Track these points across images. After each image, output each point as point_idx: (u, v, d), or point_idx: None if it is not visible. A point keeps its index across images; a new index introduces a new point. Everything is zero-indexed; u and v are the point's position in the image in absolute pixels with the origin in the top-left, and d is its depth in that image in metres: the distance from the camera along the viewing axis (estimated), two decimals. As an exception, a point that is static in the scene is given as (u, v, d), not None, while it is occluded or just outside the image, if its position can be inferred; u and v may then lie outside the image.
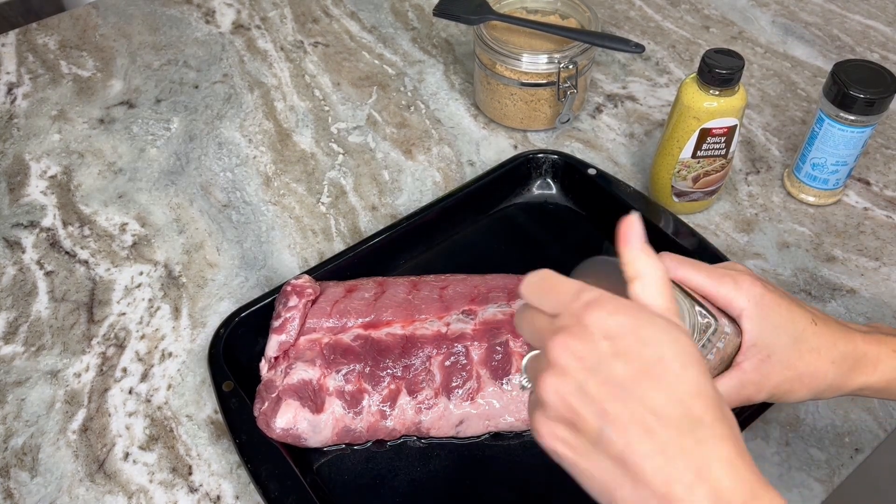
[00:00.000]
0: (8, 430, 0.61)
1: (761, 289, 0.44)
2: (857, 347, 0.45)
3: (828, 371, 0.44)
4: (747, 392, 0.44)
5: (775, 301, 0.44)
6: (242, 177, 0.80)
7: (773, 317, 0.43)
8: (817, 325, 0.44)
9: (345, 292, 0.62)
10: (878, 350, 0.45)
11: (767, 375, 0.44)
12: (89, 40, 0.97)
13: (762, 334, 0.44)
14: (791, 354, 0.44)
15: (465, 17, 0.80)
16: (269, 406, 0.56)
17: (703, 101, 0.67)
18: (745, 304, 0.43)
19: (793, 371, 0.44)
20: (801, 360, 0.44)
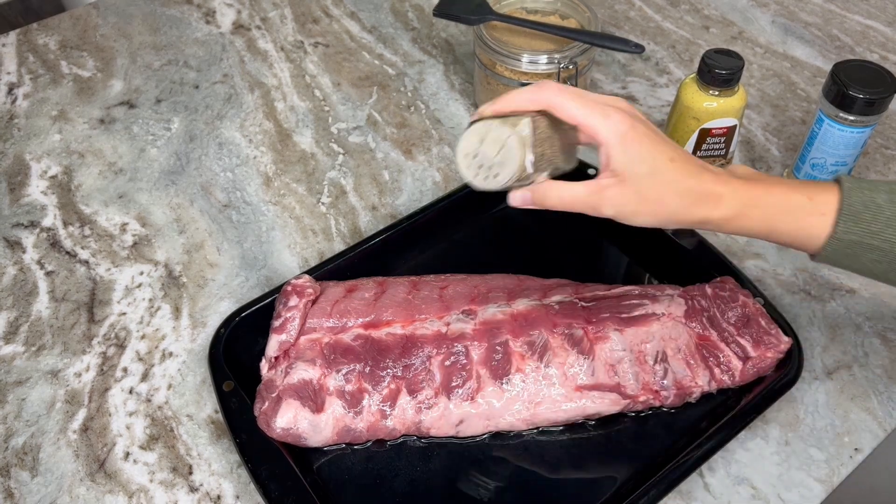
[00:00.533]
0: (8, 430, 0.61)
1: (629, 124, 0.49)
2: (703, 185, 0.50)
3: (671, 201, 0.50)
4: (595, 201, 0.51)
5: (638, 137, 0.49)
6: (243, 177, 0.80)
7: (634, 150, 0.49)
8: (674, 161, 0.50)
9: (345, 292, 0.62)
10: (724, 189, 0.50)
11: (617, 195, 0.50)
12: (89, 40, 0.97)
13: (621, 162, 0.49)
14: (642, 183, 0.49)
15: (465, 18, 0.80)
16: (270, 406, 0.56)
17: (703, 101, 0.67)
18: (608, 136, 0.49)
19: (640, 196, 0.50)
20: (650, 190, 0.50)
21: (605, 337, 0.59)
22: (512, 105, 0.51)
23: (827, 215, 0.50)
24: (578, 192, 0.51)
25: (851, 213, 0.50)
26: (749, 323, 0.60)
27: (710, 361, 0.59)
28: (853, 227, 0.50)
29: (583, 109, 0.49)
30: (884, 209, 0.50)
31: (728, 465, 0.58)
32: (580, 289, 0.63)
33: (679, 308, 0.61)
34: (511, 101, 0.51)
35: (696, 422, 0.59)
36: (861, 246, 0.50)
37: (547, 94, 0.50)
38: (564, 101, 0.50)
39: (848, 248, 0.51)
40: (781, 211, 0.51)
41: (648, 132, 0.50)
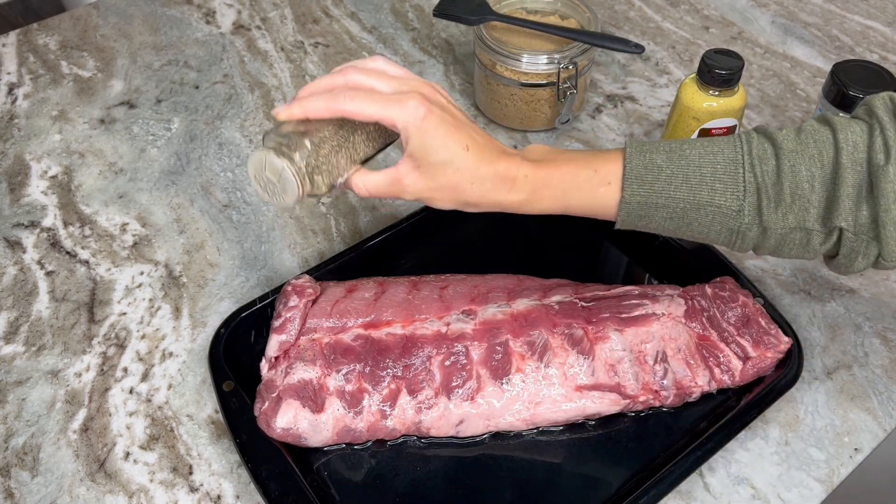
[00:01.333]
0: (8, 430, 0.61)
1: (424, 111, 0.50)
2: (497, 171, 0.52)
3: (466, 188, 0.52)
4: (396, 189, 0.53)
5: (434, 125, 0.50)
6: (243, 177, 0.80)
7: (429, 139, 0.50)
8: (469, 150, 0.51)
9: (345, 292, 0.62)
10: (517, 173, 0.53)
11: (415, 181, 0.52)
12: (90, 40, 0.97)
13: (416, 150, 0.51)
14: (437, 171, 0.51)
15: (465, 18, 0.80)
16: (270, 406, 0.56)
17: (703, 101, 0.67)
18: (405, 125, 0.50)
19: (436, 183, 0.52)
20: (444, 177, 0.52)
21: (605, 337, 0.59)
22: (307, 112, 0.51)
23: (613, 184, 0.53)
24: (380, 180, 0.53)
25: (635, 176, 0.52)
26: (749, 323, 0.60)
27: (710, 361, 0.59)
28: (638, 190, 0.52)
29: (376, 106, 0.50)
30: (663, 168, 0.52)
31: (728, 465, 0.58)
32: (580, 289, 0.63)
33: (679, 308, 0.61)
34: (306, 108, 0.51)
35: (696, 422, 0.59)
36: (649, 206, 0.53)
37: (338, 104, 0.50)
38: (356, 107, 0.50)
39: (640, 210, 0.53)
40: (572, 187, 0.53)
41: (445, 118, 0.51)
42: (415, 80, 0.53)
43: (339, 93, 0.51)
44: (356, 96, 0.50)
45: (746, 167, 0.50)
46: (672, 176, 0.52)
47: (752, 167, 0.50)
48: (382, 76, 0.52)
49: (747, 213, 0.51)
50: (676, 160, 0.52)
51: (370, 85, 0.52)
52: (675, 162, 0.52)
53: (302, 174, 0.50)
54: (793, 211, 0.50)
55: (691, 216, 0.52)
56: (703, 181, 0.51)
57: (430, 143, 0.51)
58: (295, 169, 0.50)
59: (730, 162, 0.51)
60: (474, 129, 0.53)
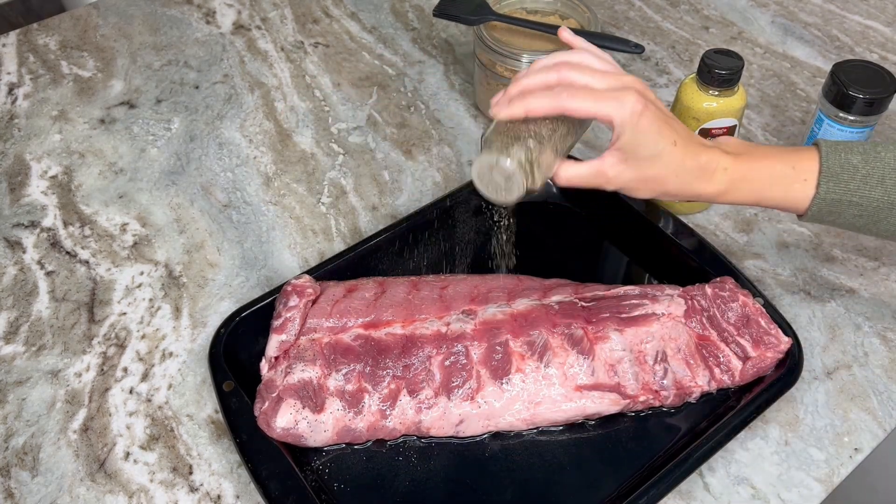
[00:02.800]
0: (9, 430, 0.61)
1: (641, 108, 0.51)
2: (699, 164, 0.54)
3: (670, 180, 0.54)
4: (600, 180, 0.55)
5: (647, 123, 0.52)
6: (243, 177, 0.80)
7: (641, 135, 0.52)
8: (676, 145, 0.53)
9: (345, 292, 0.62)
10: (717, 167, 0.55)
11: (620, 173, 0.54)
12: (90, 41, 0.97)
13: (628, 144, 0.52)
14: (645, 164, 0.53)
15: (464, 18, 0.80)
16: (270, 406, 0.56)
17: (703, 101, 0.67)
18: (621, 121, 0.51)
19: (641, 174, 0.54)
20: (650, 169, 0.54)
21: (604, 337, 0.59)
22: (529, 112, 0.52)
23: (809, 180, 0.55)
24: (583, 171, 0.54)
25: (831, 174, 0.54)
26: (749, 323, 0.60)
27: (710, 361, 0.59)
28: (834, 188, 0.54)
29: (596, 104, 0.51)
30: (859, 168, 0.54)
31: (728, 465, 0.58)
32: (580, 289, 0.63)
33: (679, 308, 0.61)
34: (529, 107, 0.52)
35: (696, 422, 0.59)
36: (842, 204, 0.55)
37: (561, 102, 0.51)
38: (577, 105, 0.51)
39: (831, 207, 0.55)
40: (768, 182, 0.55)
41: (658, 115, 0.53)
42: (625, 76, 0.54)
43: (560, 92, 0.52)
44: (577, 94, 0.52)
45: None
46: (868, 176, 0.54)
47: None
48: (595, 72, 0.53)
49: None
50: (872, 161, 0.54)
51: (584, 82, 0.52)
52: (871, 163, 0.54)
53: (527, 173, 0.52)
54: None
55: (882, 216, 0.55)
56: None
57: (643, 139, 0.52)
58: (523, 169, 0.52)
59: None
60: (678, 122, 0.55)
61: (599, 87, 0.52)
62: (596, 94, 0.52)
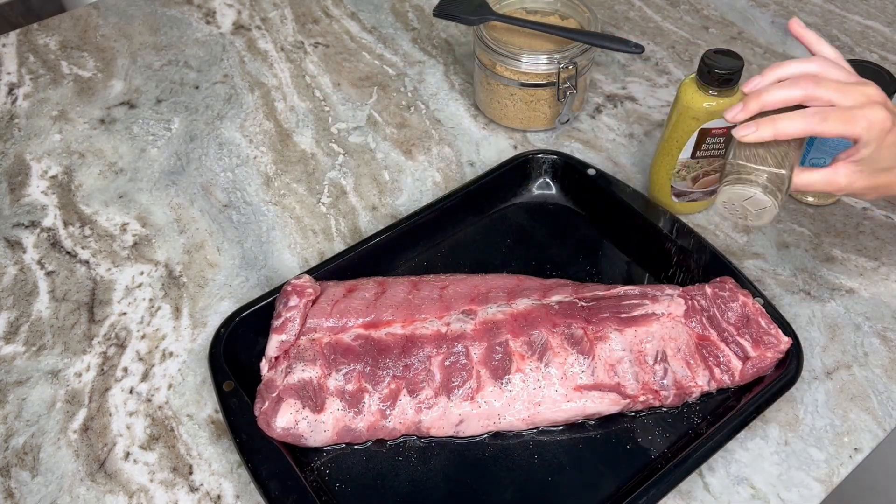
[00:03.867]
0: (9, 430, 0.61)
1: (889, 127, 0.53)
2: None
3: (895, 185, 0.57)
4: (831, 187, 0.56)
5: (893, 140, 0.53)
6: (243, 177, 0.80)
7: (885, 150, 0.53)
8: None
9: (345, 292, 0.62)
10: None
11: (853, 182, 0.55)
12: (90, 41, 0.97)
13: (868, 157, 0.54)
14: (880, 174, 0.55)
15: (464, 18, 0.80)
16: (270, 406, 0.56)
17: (703, 101, 0.67)
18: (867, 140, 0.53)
19: (873, 183, 0.56)
20: (884, 178, 0.56)
21: (604, 337, 0.59)
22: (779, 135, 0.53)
23: None
24: (816, 178, 0.56)
25: None
26: (749, 323, 0.60)
27: (710, 361, 0.59)
28: None
29: (847, 125, 0.52)
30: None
31: (728, 465, 0.58)
32: (580, 289, 0.63)
33: (679, 308, 0.61)
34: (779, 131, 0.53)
35: (696, 422, 0.59)
36: None
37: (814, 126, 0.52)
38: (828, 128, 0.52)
39: None
40: None
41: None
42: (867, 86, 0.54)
43: (811, 114, 0.52)
44: (828, 116, 0.52)
45: None
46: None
47: None
48: (838, 86, 0.53)
49: None
50: None
51: (829, 98, 0.53)
52: None
53: (779, 199, 0.54)
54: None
55: None
56: None
57: (885, 153, 0.53)
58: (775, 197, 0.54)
59: None
60: None
61: (845, 104, 0.53)
62: (846, 116, 0.52)
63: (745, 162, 0.54)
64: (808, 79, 0.54)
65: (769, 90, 0.54)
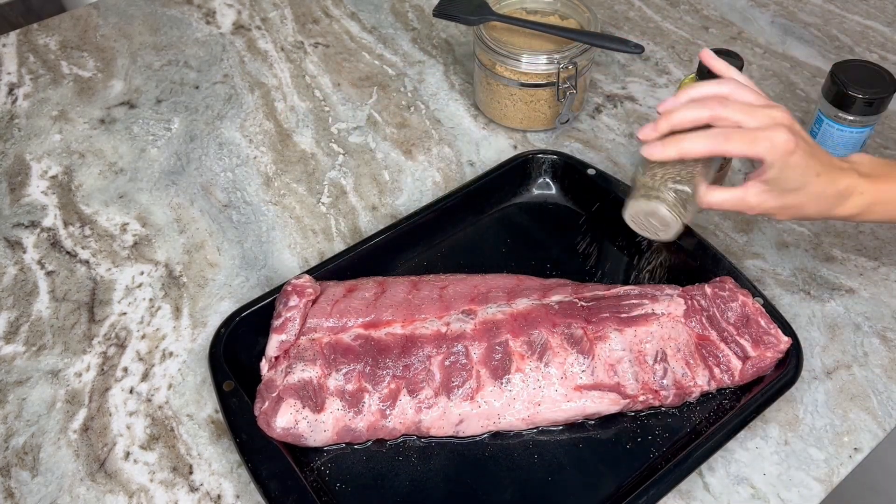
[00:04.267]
0: (9, 430, 0.61)
1: (792, 146, 0.53)
2: (838, 190, 0.56)
3: (809, 208, 0.56)
4: (741, 206, 0.56)
5: (796, 161, 0.53)
6: (243, 177, 0.80)
7: (789, 171, 0.54)
8: (819, 176, 0.55)
9: (345, 292, 0.63)
10: (853, 191, 0.56)
11: (762, 202, 0.55)
12: (90, 41, 0.97)
13: (774, 178, 0.54)
14: (788, 194, 0.55)
15: (464, 18, 0.80)
16: (270, 405, 0.56)
17: (703, 101, 0.67)
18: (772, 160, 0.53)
19: (783, 203, 0.56)
20: (793, 199, 0.55)
21: (604, 337, 0.59)
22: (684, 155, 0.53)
23: None
24: (726, 197, 0.56)
25: None
26: (748, 323, 0.60)
27: (710, 361, 0.59)
28: None
29: (750, 146, 0.52)
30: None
31: (728, 464, 0.58)
32: (580, 289, 0.63)
33: (678, 308, 0.61)
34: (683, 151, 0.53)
35: (696, 422, 0.59)
36: None
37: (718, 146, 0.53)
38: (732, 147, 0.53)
39: None
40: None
41: (806, 149, 0.54)
42: (774, 108, 0.54)
43: (716, 134, 0.53)
44: (731, 136, 0.53)
45: None
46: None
47: None
48: (745, 108, 0.54)
49: None
50: None
51: (736, 120, 0.53)
52: None
53: (683, 215, 0.55)
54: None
55: None
56: None
57: (790, 174, 0.54)
58: (678, 213, 0.55)
59: None
60: (821, 150, 0.56)
61: (751, 125, 0.53)
62: (749, 136, 0.53)
63: (652, 179, 0.55)
64: (717, 100, 0.54)
65: (680, 110, 0.54)
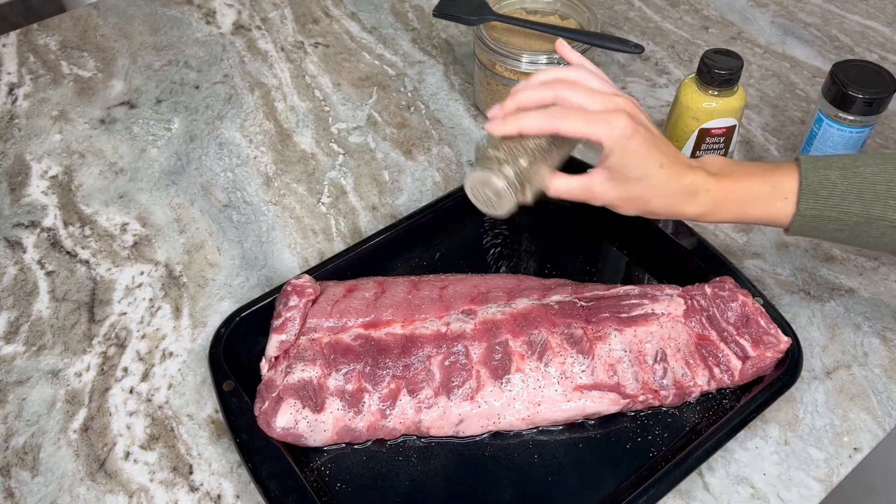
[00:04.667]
0: (9, 430, 0.61)
1: (631, 130, 0.52)
2: (683, 186, 0.55)
3: (655, 201, 0.55)
4: (586, 195, 0.56)
5: (635, 146, 0.53)
6: (243, 177, 0.80)
7: (629, 157, 0.53)
8: (663, 167, 0.54)
9: (345, 292, 0.63)
10: (700, 188, 0.55)
11: (607, 191, 0.55)
12: (90, 41, 0.97)
13: (615, 164, 0.53)
14: (631, 184, 0.54)
15: (464, 18, 0.80)
16: (270, 405, 0.56)
17: (703, 101, 0.67)
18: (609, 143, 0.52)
19: (627, 193, 0.55)
20: (636, 189, 0.55)
21: (604, 336, 0.59)
22: (522, 130, 0.53)
23: (789, 198, 0.56)
24: (573, 185, 0.56)
25: (810, 192, 0.55)
26: (748, 322, 0.60)
27: (710, 361, 0.59)
28: (813, 205, 0.55)
29: (587, 126, 0.52)
30: (837, 184, 0.55)
31: (728, 464, 0.58)
32: (580, 289, 0.63)
33: (678, 308, 0.61)
34: (521, 126, 0.53)
35: (696, 422, 0.59)
36: (822, 219, 0.56)
37: (554, 122, 0.53)
38: (569, 125, 0.52)
39: (812, 222, 0.56)
40: (750, 201, 0.57)
41: (647, 136, 0.53)
42: (618, 96, 0.54)
43: (553, 112, 0.53)
44: (569, 115, 0.53)
45: None
46: (846, 192, 0.55)
47: None
48: (589, 92, 0.54)
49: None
50: (850, 176, 0.55)
51: (578, 102, 0.53)
52: (849, 178, 0.55)
53: (518, 190, 0.54)
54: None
55: (862, 229, 0.55)
56: (876, 197, 0.54)
57: (630, 161, 0.53)
58: (514, 187, 0.54)
59: None
60: (665, 143, 0.55)
61: (592, 108, 0.53)
62: (588, 116, 0.53)
63: (494, 152, 0.55)
64: (564, 83, 0.54)
65: (526, 89, 0.55)
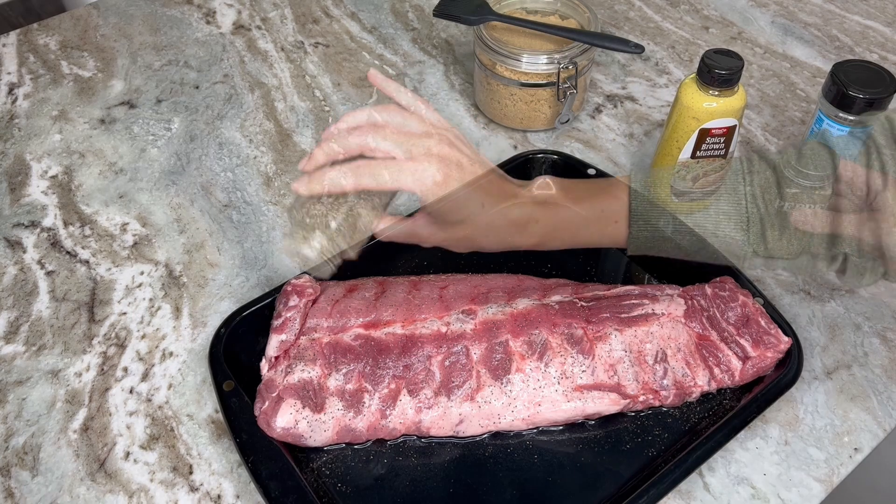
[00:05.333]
0: (9, 430, 0.61)
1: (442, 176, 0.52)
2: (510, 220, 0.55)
3: (482, 239, 0.56)
4: (414, 239, 0.57)
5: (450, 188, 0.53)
6: (243, 177, 0.80)
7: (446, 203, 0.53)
8: (484, 206, 0.54)
9: (345, 292, 0.63)
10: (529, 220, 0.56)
11: (432, 234, 0.56)
12: (90, 41, 0.97)
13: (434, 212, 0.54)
14: (455, 227, 0.55)
15: (464, 18, 0.80)
16: (270, 405, 0.56)
17: (703, 101, 0.67)
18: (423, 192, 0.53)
19: (453, 235, 0.56)
20: (461, 231, 0.55)
21: (604, 337, 0.59)
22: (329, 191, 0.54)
23: (620, 222, 0.57)
24: (399, 230, 0.57)
25: (639, 214, 0.55)
26: (749, 323, 0.60)
27: (710, 361, 0.59)
28: (644, 226, 0.56)
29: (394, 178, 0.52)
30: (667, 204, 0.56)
31: (728, 464, 0.58)
32: (580, 289, 0.63)
33: (679, 308, 0.61)
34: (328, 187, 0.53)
35: (696, 422, 0.59)
36: (656, 240, 0.56)
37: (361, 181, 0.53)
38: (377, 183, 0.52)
39: (647, 243, 0.57)
40: (581, 228, 0.57)
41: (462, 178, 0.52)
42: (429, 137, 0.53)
43: (359, 167, 0.53)
44: (374, 168, 0.52)
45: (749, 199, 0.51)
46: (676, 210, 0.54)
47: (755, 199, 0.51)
48: (398, 136, 0.52)
49: (752, 241, 0.52)
50: None
51: (385, 149, 0.52)
52: None
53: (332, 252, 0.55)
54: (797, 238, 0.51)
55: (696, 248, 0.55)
56: (707, 215, 0.54)
57: (448, 207, 0.52)
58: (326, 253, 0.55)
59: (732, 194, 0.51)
60: (488, 177, 0.54)
61: (401, 156, 0.52)
62: (395, 167, 0.52)
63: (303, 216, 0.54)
64: (370, 129, 0.53)
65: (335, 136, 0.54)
